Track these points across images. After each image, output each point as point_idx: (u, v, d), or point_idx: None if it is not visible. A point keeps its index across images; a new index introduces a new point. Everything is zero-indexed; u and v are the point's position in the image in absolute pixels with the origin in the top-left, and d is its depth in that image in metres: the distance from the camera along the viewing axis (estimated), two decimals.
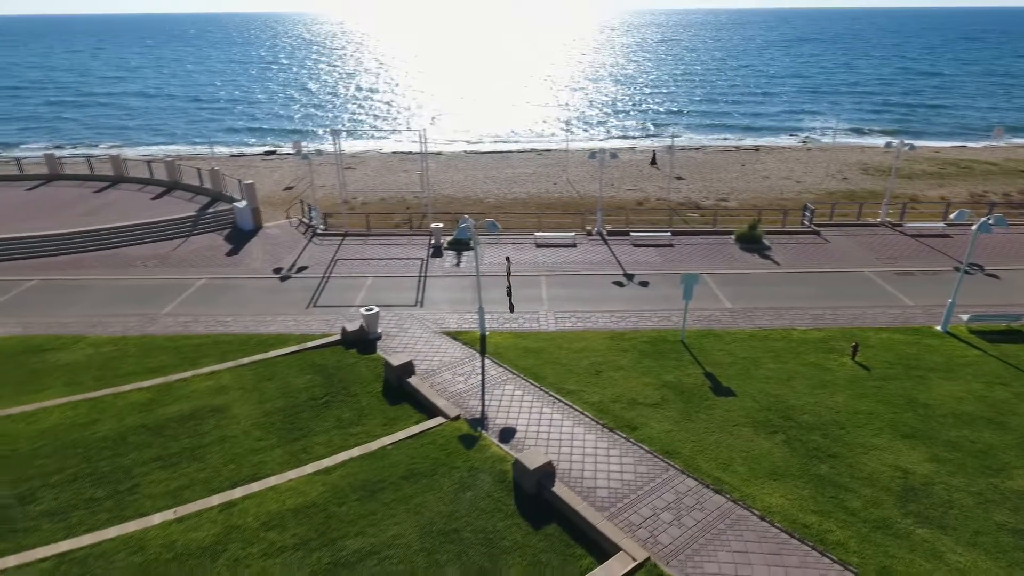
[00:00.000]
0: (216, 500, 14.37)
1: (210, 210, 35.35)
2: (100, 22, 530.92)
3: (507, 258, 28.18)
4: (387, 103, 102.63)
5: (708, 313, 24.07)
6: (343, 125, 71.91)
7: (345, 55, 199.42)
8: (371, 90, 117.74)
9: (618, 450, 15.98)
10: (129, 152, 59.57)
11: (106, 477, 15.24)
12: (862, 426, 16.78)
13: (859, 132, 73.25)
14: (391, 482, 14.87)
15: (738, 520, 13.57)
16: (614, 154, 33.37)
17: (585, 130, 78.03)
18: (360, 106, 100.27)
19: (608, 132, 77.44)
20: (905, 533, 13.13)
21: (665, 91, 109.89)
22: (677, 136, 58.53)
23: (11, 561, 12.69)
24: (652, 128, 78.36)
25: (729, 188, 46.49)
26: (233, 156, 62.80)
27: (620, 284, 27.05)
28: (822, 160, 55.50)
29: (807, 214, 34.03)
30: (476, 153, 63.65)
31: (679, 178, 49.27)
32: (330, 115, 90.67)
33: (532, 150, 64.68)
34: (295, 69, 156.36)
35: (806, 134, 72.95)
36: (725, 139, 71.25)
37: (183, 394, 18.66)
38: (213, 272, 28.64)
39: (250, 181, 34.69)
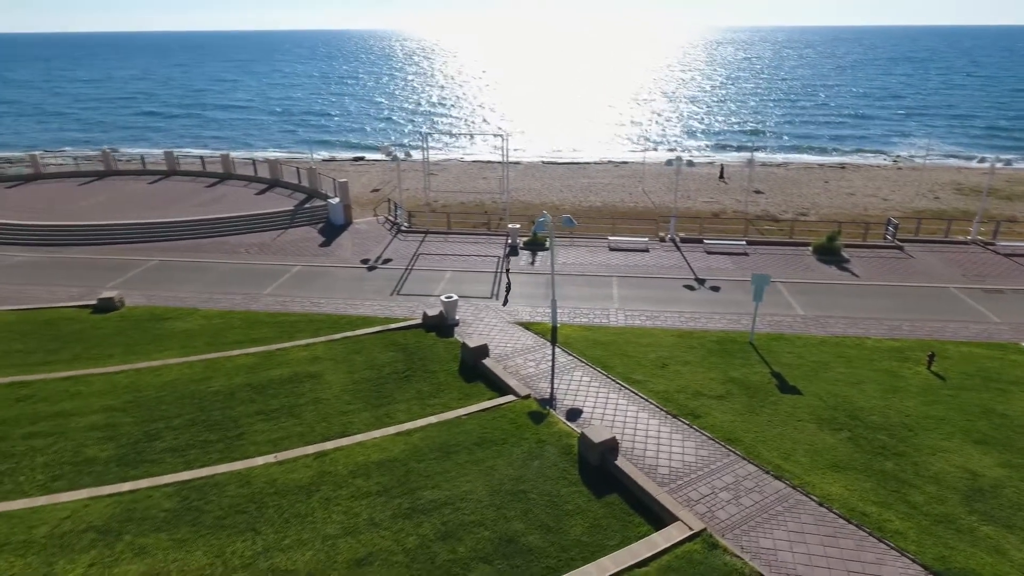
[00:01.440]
0: (311, 450, 16.07)
1: (306, 206, 38.31)
2: (194, 39, 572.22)
3: (506, 257, 29.67)
4: (470, 115, 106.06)
5: (779, 319, 24.20)
6: (428, 133, 75.16)
7: (431, 70, 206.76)
8: (455, 102, 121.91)
9: (680, 435, 16.62)
10: (235, 153, 64.68)
11: (217, 424, 17.29)
12: (932, 430, 16.68)
13: (957, 156, 69.64)
14: (464, 446, 16.13)
15: (796, 504, 13.96)
16: (691, 162, 33.91)
17: (663, 143, 78.05)
18: (444, 117, 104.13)
19: (686, 146, 77.16)
20: (968, 529, 13.15)
21: (747, 107, 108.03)
22: (757, 151, 57.86)
23: (143, 484, 14.77)
24: (732, 143, 77.46)
25: (810, 203, 45.69)
26: (325, 161, 66.94)
27: (691, 288, 27.50)
28: (912, 179, 53.46)
29: (890, 228, 33.24)
30: (553, 163, 65.09)
31: (758, 192, 48.80)
32: (416, 125, 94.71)
33: (609, 162, 65.49)
34: (384, 82, 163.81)
35: (897, 153, 70.12)
36: (809, 156, 69.55)
37: (282, 361, 20.71)
38: (308, 260, 31.15)
39: (344, 179, 37.40)
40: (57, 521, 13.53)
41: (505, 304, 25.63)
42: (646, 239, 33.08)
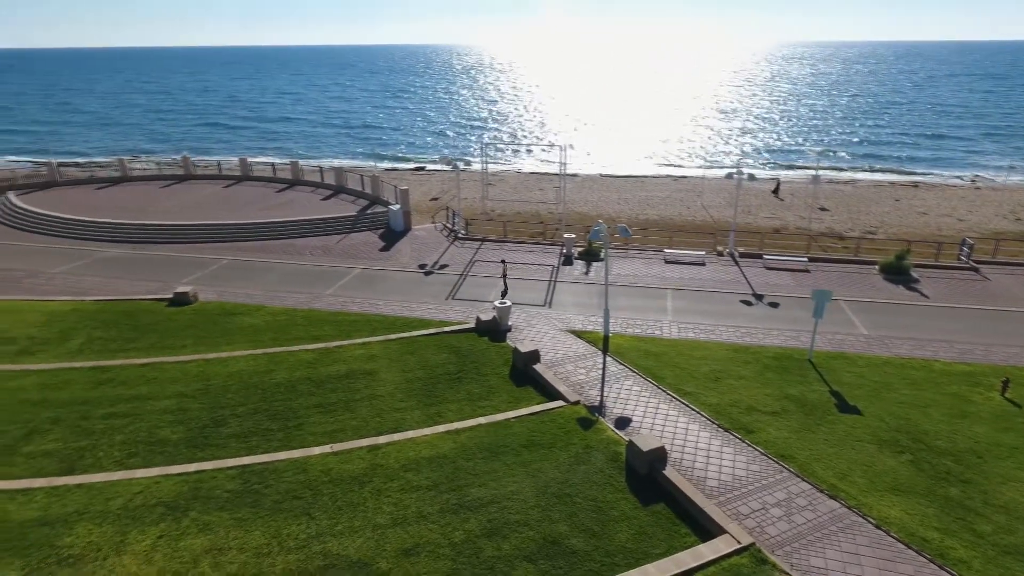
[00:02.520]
0: (364, 443, 16.62)
1: (368, 211, 39.58)
2: (255, 54, 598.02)
3: (503, 261, 30.34)
4: (527, 127, 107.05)
5: (841, 337, 23.44)
6: (487, 144, 76.28)
7: (490, 83, 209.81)
8: (513, 115, 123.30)
9: (731, 448, 16.35)
10: (303, 161, 67.40)
11: (279, 414, 18.10)
12: (1004, 458, 15.83)
13: None
14: (512, 448, 16.34)
15: (851, 525, 13.52)
16: (752, 176, 33.25)
17: (725, 158, 76.67)
18: (502, 129, 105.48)
19: (748, 161, 75.54)
20: None
21: (813, 124, 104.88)
22: (823, 167, 56.18)
23: (208, 465, 15.62)
24: (796, 159, 75.36)
25: (879, 221, 44.03)
26: (388, 170, 68.88)
27: (748, 303, 26.95)
28: (992, 199, 50.75)
29: (965, 249, 31.68)
30: (611, 176, 64.94)
31: (823, 209, 47.36)
32: (475, 137, 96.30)
33: (668, 176, 64.87)
34: (444, 96, 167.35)
35: (977, 172, 66.62)
36: (879, 173, 66.95)
37: (340, 358, 21.48)
38: (368, 263, 32.17)
39: (405, 187, 38.50)
40: (131, 495, 14.48)
41: (503, 299, 26.31)
42: (703, 253, 32.61)
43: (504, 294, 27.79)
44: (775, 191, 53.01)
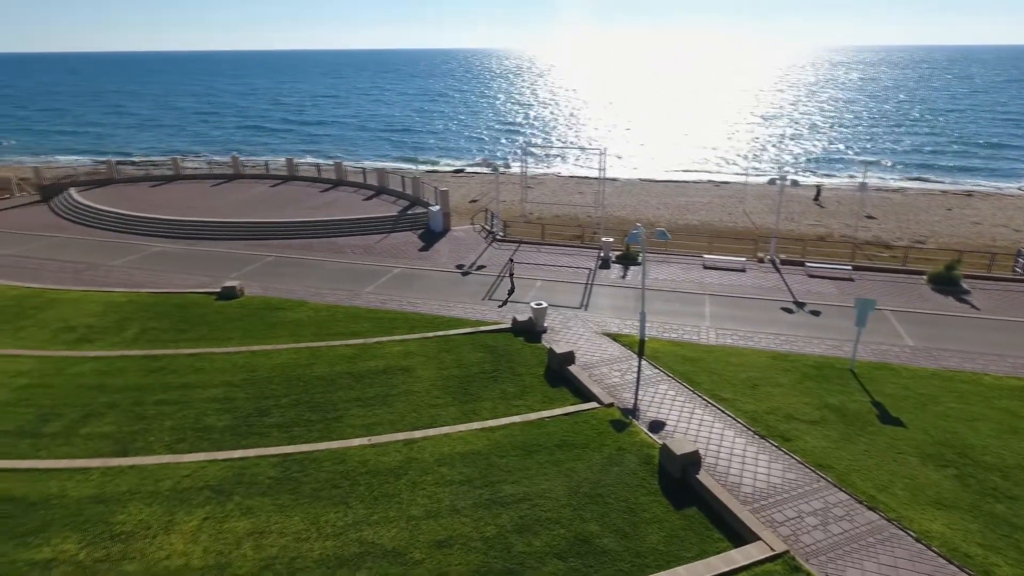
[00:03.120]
0: (400, 436, 16.99)
1: (409, 212, 40.26)
2: (298, 57, 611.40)
3: (511, 260, 31.15)
4: (568, 131, 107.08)
5: (885, 348, 22.87)
6: (527, 147, 76.89)
7: (531, 87, 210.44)
8: (554, 119, 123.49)
9: (767, 456, 16.16)
10: (346, 162, 68.90)
11: (319, 406, 18.63)
12: None
13: None
14: (546, 447, 16.47)
15: (890, 537, 13.23)
16: (795, 182, 32.66)
17: (768, 164, 75.28)
18: (542, 133, 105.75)
19: (792, 167, 74.04)
20: None
21: (860, 130, 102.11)
22: (871, 174, 54.73)
23: (252, 453, 16.21)
24: (842, 166, 73.51)
25: (928, 231, 42.71)
26: (428, 172, 69.85)
27: (789, 311, 26.50)
28: None
29: (1021, 260, 30.49)
30: (651, 181, 64.54)
31: (870, 217, 46.18)
32: (515, 141, 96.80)
33: (709, 181, 64.12)
34: (486, 99, 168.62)
35: None
36: (930, 181, 64.83)
37: (379, 353, 21.96)
38: (407, 263, 32.75)
39: (445, 188, 39.05)
40: (179, 478, 15.14)
41: (505, 304, 26.84)
42: (743, 259, 32.17)
43: (511, 292, 28.28)
44: (816, 198, 51.92)
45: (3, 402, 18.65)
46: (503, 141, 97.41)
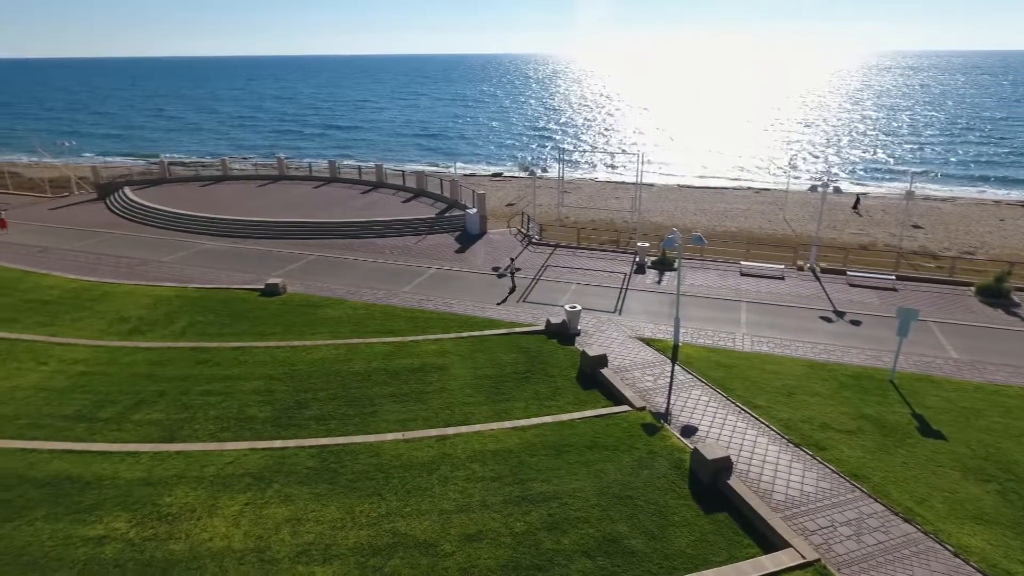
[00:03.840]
0: (433, 432, 17.35)
1: (446, 215, 40.86)
2: (341, 63, 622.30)
3: (511, 258, 32.16)
4: (607, 136, 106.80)
5: (928, 360, 22.30)
6: (564, 151, 76.74)
7: (570, 92, 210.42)
8: (593, 124, 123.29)
9: (801, 464, 15.99)
10: (386, 165, 70.16)
11: (355, 401, 19.15)
12: None
13: None
14: (576, 448, 16.62)
15: (926, 551, 12.98)
16: (838, 189, 32.04)
17: (811, 172, 73.74)
18: (581, 138, 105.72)
19: (835, 175, 72.29)
20: None
21: (908, 137, 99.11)
22: (918, 183, 53.19)
23: (291, 443, 16.78)
24: (888, 174, 71.51)
25: (979, 242, 41.32)
26: (467, 175, 70.54)
27: (828, 320, 26.05)
28: None
29: None
30: (689, 187, 63.96)
31: (916, 227, 44.92)
32: (553, 145, 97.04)
33: (749, 188, 63.21)
34: (524, 104, 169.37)
35: None
36: (982, 191, 62.61)
37: (414, 352, 22.42)
38: (443, 264, 33.25)
39: (482, 192, 39.52)
40: (222, 464, 15.79)
41: (504, 302, 27.79)
42: (782, 267, 31.70)
43: (512, 291, 29.07)
44: (855, 206, 50.69)
45: (62, 388, 19.71)
46: (540, 146, 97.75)
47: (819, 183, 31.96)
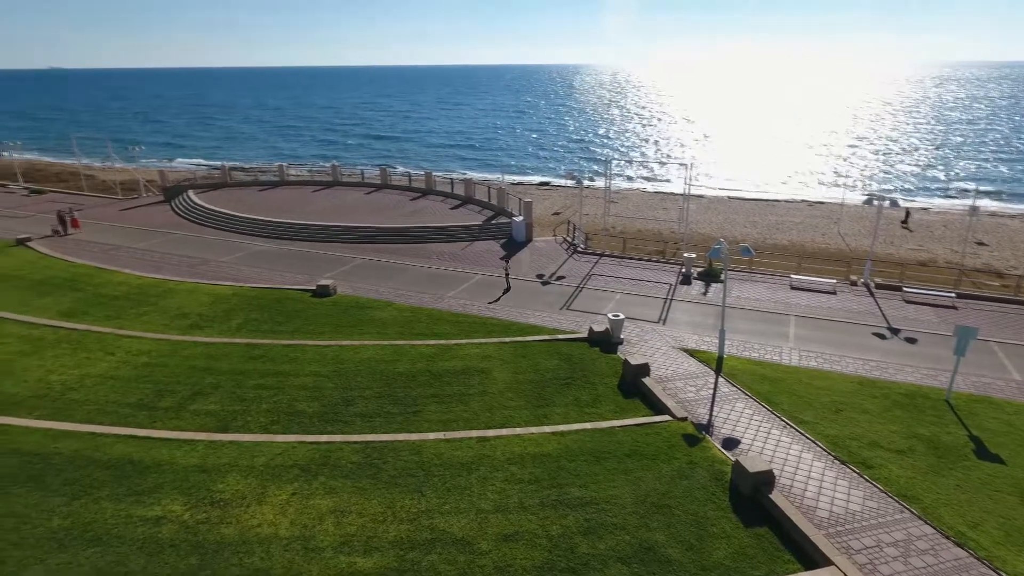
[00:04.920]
0: (474, 434, 17.63)
1: (493, 222, 41.37)
2: (388, 73, 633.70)
3: (504, 258, 33.20)
4: (656, 146, 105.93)
5: (988, 381, 21.38)
6: (611, 161, 76.36)
7: (621, 103, 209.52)
8: (643, 134, 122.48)
9: (847, 482, 15.59)
10: (435, 173, 71.39)
11: (399, 400, 19.63)
12: None
13: None
14: (615, 455, 16.62)
15: None
16: (895, 202, 31.04)
17: (868, 185, 71.43)
18: (629, 148, 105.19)
19: (894, 188, 69.87)
20: None
21: (972, 151, 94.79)
22: (984, 198, 50.92)
23: (337, 438, 17.34)
24: (950, 189, 68.59)
25: None
26: (513, 184, 71.12)
27: (881, 336, 25.24)
28: None
29: None
30: (739, 199, 62.84)
31: (980, 244, 43.01)
32: (601, 155, 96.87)
33: (802, 201, 61.69)
34: (574, 114, 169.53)
35: None
36: None
37: (457, 355, 22.81)
38: (489, 271, 33.67)
39: (529, 200, 39.87)
40: (272, 455, 16.44)
41: (497, 301, 28.81)
42: (834, 281, 30.87)
43: (506, 291, 30.25)
44: (904, 221, 48.79)
45: (128, 377, 20.87)
46: (587, 155, 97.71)
47: (876, 196, 31.02)
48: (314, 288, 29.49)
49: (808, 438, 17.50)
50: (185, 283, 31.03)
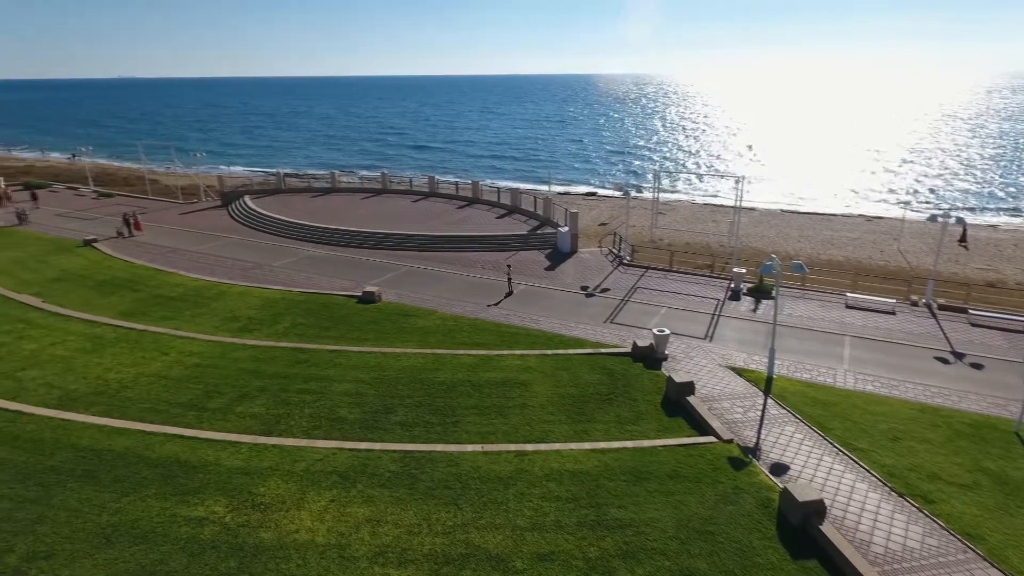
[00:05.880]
0: (512, 447, 17.45)
1: (538, 232, 41.23)
2: (445, 83, 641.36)
3: (507, 265, 33.54)
4: (707, 157, 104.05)
5: None
6: (660, 173, 74.85)
7: (673, 113, 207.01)
8: (694, 145, 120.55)
9: (904, 516, 14.72)
10: (482, 182, 71.78)
11: (439, 410, 19.61)
12: None
13: None
14: (657, 476, 16.16)
15: None
16: (960, 219, 29.47)
17: (932, 201, 68.26)
18: (679, 159, 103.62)
19: (960, 205, 66.48)
20: None
21: None
22: None
23: (376, 446, 17.42)
24: (1022, 208, 64.92)
25: None
26: (560, 193, 70.85)
27: (944, 361, 23.90)
28: None
29: None
30: (793, 212, 60.95)
31: None
32: (650, 166, 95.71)
33: (860, 215, 59.38)
34: (624, 124, 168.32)
35: None
36: None
37: (499, 366, 22.68)
38: (533, 281, 33.50)
39: (575, 210, 39.58)
40: (312, 461, 16.63)
41: (498, 304, 29.48)
42: (893, 301, 29.46)
43: (508, 295, 30.85)
44: (962, 239, 46.11)
45: (180, 377, 21.54)
46: (636, 166, 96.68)
47: (940, 212, 29.51)
48: (359, 294, 29.90)
49: (863, 467, 16.64)
50: (237, 286, 31.95)
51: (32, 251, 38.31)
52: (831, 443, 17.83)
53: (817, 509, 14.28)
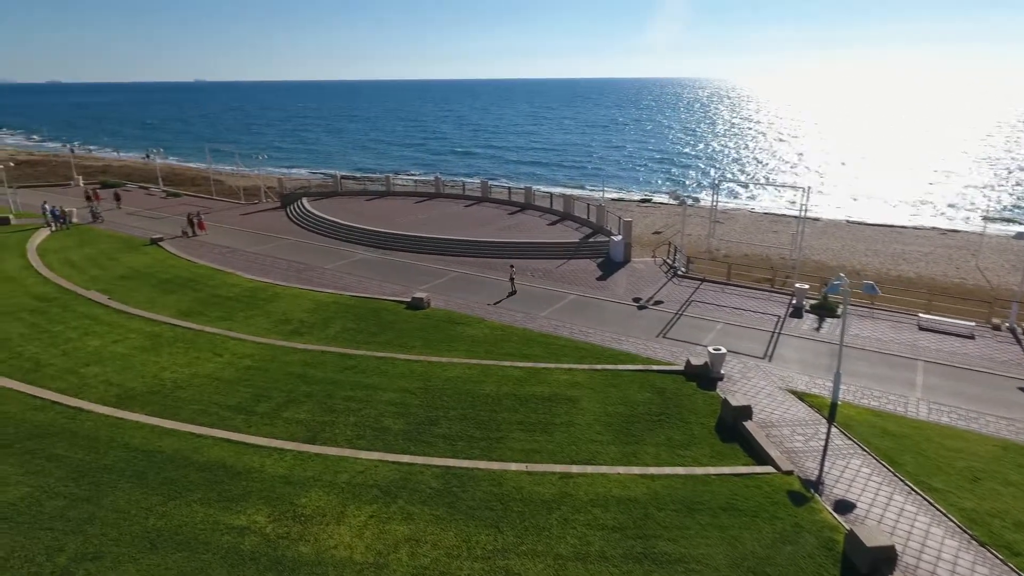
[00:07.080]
0: (557, 468, 16.85)
1: (590, 240, 40.45)
2: (499, 87, 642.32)
3: (511, 266, 33.43)
4: (769, 165, 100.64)
5: None
6: (719, 181, 72.92)
7: (734, 118, 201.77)
8: (755, 152, 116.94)
9: (987, 569, 13.39)
10: (535, 187, 71.34)
11: (483, 424, 19.18)
12: None
13: None
14: (709, 508, 15.26)
15: None
16: None
17: (1010, 212, 63.86)
18: (739, 166, 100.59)
19: None
20: None
21: None
22: None
23: (419, 460, 17.12)
24: None
25: None
26: (613, 200, 69.72)
27: None
28: None
29: None
30: (860, 224, 58.01)
31: None
32: (707, 172, 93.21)
33: (934, 228, 56.03)
34: (681, 129, 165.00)
35: None
36: None
37: (546, 379, 22.11)
38: (583, 291, 32.78)
39: (628, 219, 38.61)
40: (355, 472, 16.46)
41: (499, 304, 29.96)
42: (973, 323, 27.40)
43: (511, 294, 31.57)
44: None
45: (231, 379, 21.86)
46: (695, 172, 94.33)
47: None
48: (408, 300, 29.86)
49: (939, 510, 15.30)
50: (291, 288, 32.45)
51: (104, 248, 40.05)
52: (902, 480, 16.50)
53: (888, 556, 13.16)
